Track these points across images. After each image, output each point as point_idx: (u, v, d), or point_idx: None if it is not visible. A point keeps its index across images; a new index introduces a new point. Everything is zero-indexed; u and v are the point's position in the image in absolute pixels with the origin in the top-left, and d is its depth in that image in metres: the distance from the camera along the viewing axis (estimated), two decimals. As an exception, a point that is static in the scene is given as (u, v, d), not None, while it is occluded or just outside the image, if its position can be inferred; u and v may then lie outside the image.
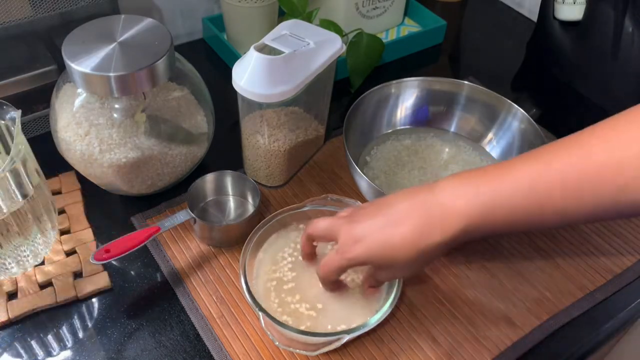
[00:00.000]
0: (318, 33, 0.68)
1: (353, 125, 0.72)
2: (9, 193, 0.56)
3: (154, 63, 0.60)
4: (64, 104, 0.64)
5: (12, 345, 0.58)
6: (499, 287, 0.65)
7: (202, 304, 0.62)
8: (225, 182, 0.71)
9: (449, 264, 0.67)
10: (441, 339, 0.60)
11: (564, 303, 0.63)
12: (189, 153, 0.70)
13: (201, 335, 0.59)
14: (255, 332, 0.60)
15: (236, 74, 0.63)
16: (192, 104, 0.69)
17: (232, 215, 0.71)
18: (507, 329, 0.61)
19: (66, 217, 0.69)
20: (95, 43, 0.61)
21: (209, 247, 0.67)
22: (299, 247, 0.60)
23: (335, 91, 0.77)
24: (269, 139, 0.70)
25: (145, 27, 0.64)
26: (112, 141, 0.63)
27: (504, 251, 0.68)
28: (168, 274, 0.65)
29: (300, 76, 0.63)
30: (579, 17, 0.86)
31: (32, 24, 0.73)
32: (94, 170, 0.66)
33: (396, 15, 1.02)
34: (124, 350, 0.59)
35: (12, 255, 0.60)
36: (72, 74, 0.60)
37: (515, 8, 1.12)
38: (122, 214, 0.71)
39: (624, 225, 0.72)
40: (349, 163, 0.67)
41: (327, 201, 0.63)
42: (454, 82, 0.77)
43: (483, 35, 1.08)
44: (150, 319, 0.60)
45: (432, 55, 1.01)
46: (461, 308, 0.63)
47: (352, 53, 0.88)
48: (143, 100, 0.64)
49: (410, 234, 0.48)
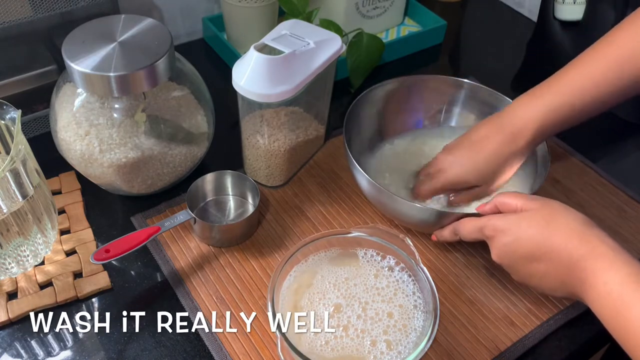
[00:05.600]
0: (318, 33, 0.68)
1: (353, 125, 0.72)
2: (9, 193, 0.56)
3: (154, 63, 0.60)
4: (64, 104, 0.64)
5: (12, 345, 0.58)
6: (499, 287, 0.65)
7: (202, 304, 0.62)
8: (225, 182, 0.71)
9: (449, 264, 0.67)
10: (441, 339, 0.60)
11: (564, 303, 0.63)
12: (189, 153, 0.70)
13: (201, 335, 0.59)
14: (255, 332, 0.60)
15: (236, 74, 0.63)
16: (192, 103, 0.69)
17: (232, 215, 0.71)
18: (507, 329, 0.61)
19: (66, 217, 0.69)
20: (95, 43, 0.61)
21: (209, 247, 0.67)
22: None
23: (335, 91, 0.77)
24: (269, 139, 0.70)
25: (145, 27, 0.64)
26: (112, 141, 0.63)
27: (504, 251, 0.68)
28: (168, 274, 0.65)
29: (300, 76, 0.63)
30: (579, 17, 0.86)
31: (32, 24, 0.73)
32: (94, 170, 0.66)
33: (396, 15, 1.02)
34: (124, 350, 0.59)
35: (12, 255, 0.60)
36: (72, 73, 0.60)
37: (515, 8, 1.12)
38: (122, 214, 0.71)
39: (623, 225, 0.72)
40: (350, 162, 0.67)
41: (375, 231, 0.60)
42: (454, 81, 0.77)
43: (483, 35, 1.08)
44: (150, 319, 0.60)
45: (432, 55, 1.01)
46: (461, 308, 0.63)
47: (352, 53, 0.88)
48: (143, 100, 0.64)
49: (496, 146, 0.64)
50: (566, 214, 0.53)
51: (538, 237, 0.53)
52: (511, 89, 0.93)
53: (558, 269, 0.52)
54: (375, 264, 0.60)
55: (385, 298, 0.57)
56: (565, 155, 0.81)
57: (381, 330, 0.55)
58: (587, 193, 0.75)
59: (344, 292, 0.57)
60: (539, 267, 0.53)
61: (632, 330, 0.45)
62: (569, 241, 0.51)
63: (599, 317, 0.49)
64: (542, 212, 0.54)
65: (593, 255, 0.49)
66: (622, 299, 0.46)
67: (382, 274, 0.59)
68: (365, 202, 0.73)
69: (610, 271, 0.48)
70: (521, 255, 0.54)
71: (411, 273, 0.58)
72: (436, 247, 0.68)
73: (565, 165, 0.79)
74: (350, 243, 0.60)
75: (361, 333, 0.55)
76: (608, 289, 0.47)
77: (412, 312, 0.56)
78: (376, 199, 0.67)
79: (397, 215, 0.67)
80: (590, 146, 0.83)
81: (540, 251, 0.53)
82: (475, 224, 0.58)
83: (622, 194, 0.75)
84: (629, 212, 0.73)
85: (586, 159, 0.80)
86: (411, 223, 0.68)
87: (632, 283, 0.47)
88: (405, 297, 0.57)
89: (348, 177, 0.75)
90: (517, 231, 0.54)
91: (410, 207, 0.63)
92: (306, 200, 0.73)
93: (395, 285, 0.58)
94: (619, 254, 0.49)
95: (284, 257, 0.57)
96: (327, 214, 0.72)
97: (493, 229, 0.56)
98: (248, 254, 0.67)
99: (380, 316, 0.56)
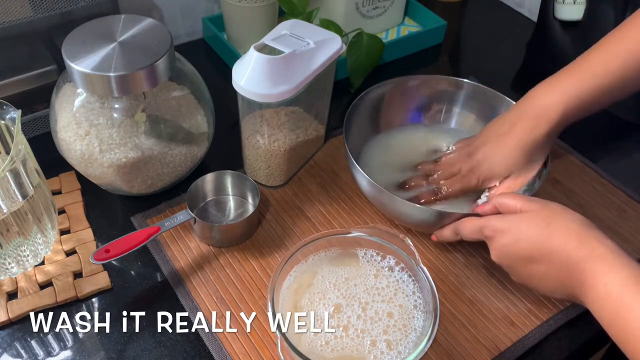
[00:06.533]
0: (318, 33, 0.68)
1: (353, 125, 0.72)
2: (9, 193, 0.56)
3: (154, 63, 0.60)
4: (64, 104, 0.64)
5: (12, 345, 0.58)
6: (499, 287, 0.65)
7: (202, 304, 0.62)
8: (225, 182, 0.71)
9: (449, 264, 0.67)
10: (441, 339, 0.60)
11: (564, 303, 0.63)
12: (189, 153, 0.70)
13: (201, 335, 0.59)
14: (255, 332, 0.60)
15: (236, 74, 0.63)
16: (192, 103, 0.69)
17: (232, 215, 0.71)
18: (507, 329, 0.61)
19: (66, 217, 0.69)
20: (95, 43, 0.61)
21: (209, 247, 0.67)
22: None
23: (335, 91, 0.77)
24: (269, 139, 0.70)
25: (145, 26, 0.64)
26: (112, 141, 0.63)
27: (504, 251, 0.68)
28: (168, 274, 0.65)
29: (300, 76, 0.63)
30: (579, 17, 0.86)
31: (32, 24, 0.73)
32: (94, 170, 0.66)
33: (396, 15, 1.02)
34: (124, 350, 0.59)
35: (12, 255, 0.60)
36: (72, 73, 0.60)
37: (515, 8, 1.12)
38: (122, 214, 0.71)
39: (623, 225, 0.72)
40: (350, 162, 0.67)
41: (375, 231, 0.60)
42: (454, 81, 0.77)
43: (483, 35, 1.08)
44: (150, 319, 0.60)
45: (432, 55, 1.01)
46: (461, 308, 0.63)
47: (352, 53, 0.88)
48: (143, 100, 0.64)
49: (522, 133, 0.63)
50: (566, 215, 0.53)
51: (537, 238, 0.53)
52: (511, 89, 0.93)
53: (557, 270, 0.52)
54: (375, 264, 0.60)
55: (385, 298, 0.57)
56: (565, 155, 0.81)
57: (381, 330, 0.55)
58: (587, 193, 0.75)
59: (344, 292, 0.57)
60: (538, 268, 0.53)
61: (632, 332, 0.45)
62: (568, 242, 0.51)
63: (598, 319, 0.49)
64: (541, 213, 0.54)
65: (592, 257, 0.49)
66: (622, 300, 0.46)
67: (382, 274, 0.59)
68: (365, 202, 0.73)
69: (610, 273, 0.48)
70: (520, 256, 0.54)
71: (411, 273, 0.58)
72: (436, 247, 0.68)
73: (565, 165, 0.79)
74: (350, 243, 0.60)
75: (361, 333, 0.55)
76: (607, 290, 0.47)
77: (412, 312, 0.56)
78: (376, 199, 0.67)
79: (397, 215, 0.68)
80: (590, 146, 0.83)
81: (540, 252, 0.53)
82: (475, 224, 0.58)
83: (622, 194, 0.75)
84: (629, 212, 0.73)
85: (586, 159, 0.80)
86: (411, 223, 0.68)
87: (632, 285, 0.46)
88: (405, 297, 0.57)
89: (348, 177, 0.75)
90: (517, 232, 0.54)
91: (410, 207, 0.63)
92: (306, 200, 0.73)
93: (395, 285, 0.58)
94: (619, 256, 0.49)
95: (284, 257, 0.57)
96: (327, 214, 0.72)
97: (492, 229, 0.56)
98: (248, 254, 0.67)
99: (380, 316, 0.56)
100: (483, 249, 0.67)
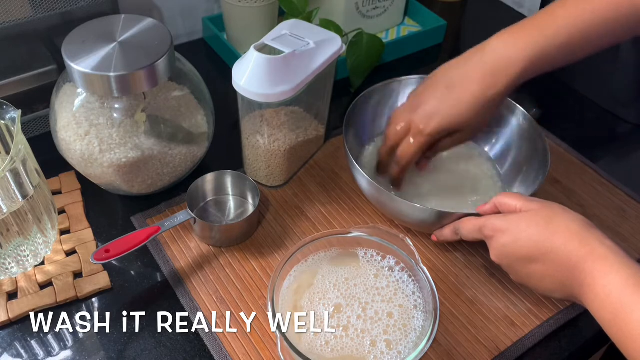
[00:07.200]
0: (318, 33, 0.68)
1: (353, 125, 0.72)
2: (9, 193, 0.56)
3: (154, 63, 0.60)
4: (64, 104, 0.64)
5: (12, 345, 0.58)
6: (499, 287, 0.65)
7: (202, 304, 0.62)
8: (225, 182, 0.71)
9: (449, 264, 0.67)
10: (441, 339, 0.60)
11: (564, 303, 0.63)
12: (189, 153, 0.70)
13: (201, 335, 0.59)
14: (255, 332, 0.60)
15: (236, 74, 0.63)
16: (192, 103, 0.69)
17: (232, 215, 0.71)
18: (507, 329, 0.61)
19: (66, 217, 0.69)
20: (95, 43, 0.61)
21: (209, 247, 0.67)
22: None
23: (335, 91, 0.77)
24: (269, 139, 0.70)
25: (145, 27, 0.64)
26: (112, 141, 0.63)
27: (504, 251, 0.68)
28: (168, 274, 0.65)
29: (300, 76, 0.63)
30: (579, 17, 0.85)
31: (32, 24, 0.73)
32: (94, 170, 0.66)
33: (396, 15, 1.02)
34: (124, 350, 0.59)
35: (12, 255, 0.60)
36: (72, 73, 0.60)
37: (515, 8, 1.12)
38: (122, 214, 0.71)
39: (623, 225, 0.72)
40: (350, 162, 0.67)
41: (375, 231, 0.60)
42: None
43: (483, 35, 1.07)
44: (150, 319, 0.60)
45: (432, 55, 1.01)
46: (461, 308, 0.63)
47: (352, 53, 0.88)
48: (143, 100, 0.64)
49: (479, 88, 0.60)
50: (566, 215, 0.53)
51: (537, 238, 0.53)
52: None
53: (557, 270, 0.52)
54: (375, 264, 0.60)
55: (385, 298, 0.57)
56: (565, 155, 0.81)
57: (381, 330, 0.55)
58: (587, 193, 0.75)
59: (344, 292, 0.57)
60: (537, 268, 0.53)
61: (631, 333, 0.45)
62: (568, 243, 0.51)
63: (598, 320, 0.49)
64: (541, 213, 0.54)
65: (592, 257, 0.49)
66: (622, 301, 0.46)
67: (382, 274, 0.59)
68: (365, 202, 0.73)
69: (610, 274, 0.48)
70: (520, 256, 0.54)
71: (411, 273, 0.58)
72: (436, 247, 0.69)
73: (565, 165, 0.79)
74: (350, 243, 0.60)
75: (361, 333, 0.55)
76: (607, 291, 0.47)
77: (412, 312, 0.56)
78: (376, 199, 0.67)
79: (397, 215, 0.68)
80: (590, 146, 0.83)
81: (540, 252, 0.53)
82: (475, 224, 0.58)
83: (622, 194, 0.75)
84: (629, 212, 0.73)
85: (586, 159, 0.80)
86: (411, 223, 0.68)
87: (632, 286, 0.46)
88: (405, 297, 0.57)
89: (348, 177, 0.75)
90: (517, 232, 0.54)
91: (410, 207, 0.63)
92: (306, 200, 0.73)
93: (395, 285, 0.58)
94: (619, 256, 0.49)
95: (284, 257, 0.57)
96: (327, 214, 0.72)
97: (492, 228, 0.56)
98: (248, 254, 0.67)
99: (380, 316, 0.56)
100: (483, 249, 0.67)
